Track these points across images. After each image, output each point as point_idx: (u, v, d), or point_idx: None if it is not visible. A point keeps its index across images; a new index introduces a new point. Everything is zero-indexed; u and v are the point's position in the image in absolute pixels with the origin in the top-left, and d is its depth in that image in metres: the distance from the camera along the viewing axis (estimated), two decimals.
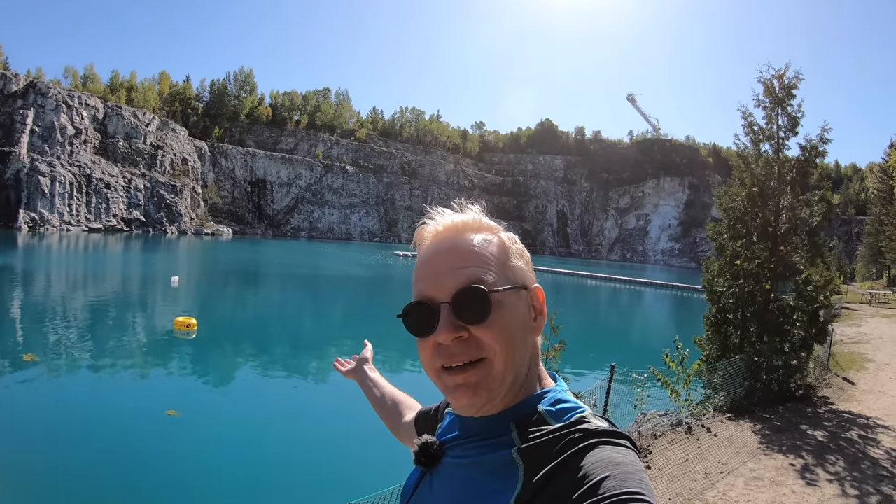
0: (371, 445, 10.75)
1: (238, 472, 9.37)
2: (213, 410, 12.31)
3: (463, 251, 1.02)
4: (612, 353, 19.34)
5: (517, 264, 1.06)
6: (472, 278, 0.97)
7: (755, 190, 11.31)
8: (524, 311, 1.03)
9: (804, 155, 11.14)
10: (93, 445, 9.84)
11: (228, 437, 10.73)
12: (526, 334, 1.02)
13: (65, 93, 74.99)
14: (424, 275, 1.03)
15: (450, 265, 1.00)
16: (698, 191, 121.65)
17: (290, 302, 31.63)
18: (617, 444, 0.87)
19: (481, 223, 1.09)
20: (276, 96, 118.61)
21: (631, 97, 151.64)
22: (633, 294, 51.70)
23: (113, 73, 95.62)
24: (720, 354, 11.65)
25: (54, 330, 18.26)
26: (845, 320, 23.09)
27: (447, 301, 0.97)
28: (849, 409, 10.51)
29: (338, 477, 9.52)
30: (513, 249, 1.08)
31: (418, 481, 1.11)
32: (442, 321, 0.96)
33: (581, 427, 0.91)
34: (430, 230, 1.10)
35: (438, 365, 0.98)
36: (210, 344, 18.41)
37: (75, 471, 8.88)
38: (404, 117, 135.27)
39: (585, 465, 0.83)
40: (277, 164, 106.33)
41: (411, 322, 1.01)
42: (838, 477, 7.10)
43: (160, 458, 9.56)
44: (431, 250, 1.05)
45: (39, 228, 63.87)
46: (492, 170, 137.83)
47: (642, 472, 0.82)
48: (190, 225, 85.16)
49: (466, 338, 0.96)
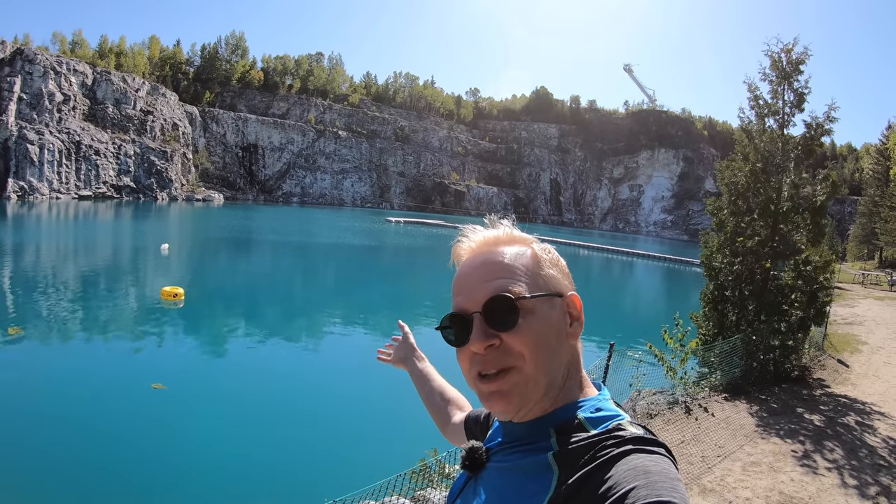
0: (363, 419, 10.68)
1: (225, 447, 9.27)
2: (199, 384, 12.17)
3: (493, 264, 1.07)
4: (606, 327, 19.21)
5: (549, 273, 1.09)
6: (499, 288, 1.02)
7: (758, 166, 11.07)
8: (558, 317, 1.06)
9: (809, 132, 10.88)
10: (77, 420, 9.70)
11: (216, 411, 10.61)
12: (561, 340, 1.06)
13: (53, 59, 73.06)
14: (460, 289, 1.09)
15: (481, 278, 1.06)
16: (692, 163, 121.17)
17: (281, 270, 31.38)
18: (651, 451, 0.88)
19: (513, 236, 1.15)
20: (268, 60, 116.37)
21: (628, 67, 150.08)
22: (625, 265, 51.75)
23: (102, 37, 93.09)
24: (717, 332, 11.54)
25: (41, 302, 17.94)
26: (838, 300, 23.14)
27: (479, 311, 1.02)
28: (844, 392, 10.45)
29: (327, 452, 9.44)
30: (545, 259, 1.11)
31: (464, 485, 1.17)
32: (475, 330, 1.02)
33: (615, 433, 0.93)
34: (465, 247, 1.15)
35: (475, 373, 1.04)
36: (197, 314, 18.19)
37: (58, 446, 8.72)
38: (398, 82, 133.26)
39: (616, 472, 0.84)
40: (269, 129, 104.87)
41: (449, 333, 1.08)
42: (837, 465, 7.02)
43: (147, 433, 9.42)
44: (466, 266, 1.11)
45: (28, 197, 62.85)
46: (486, 136, 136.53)
47: (676, 480, 0.83)
48: (181, 191, 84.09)
49: (499, 345, 1.01)
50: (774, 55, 10.72)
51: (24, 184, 63.62)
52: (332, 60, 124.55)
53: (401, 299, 25.39)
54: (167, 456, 8.80)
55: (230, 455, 9.02)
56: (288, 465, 8.89)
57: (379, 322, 19.05)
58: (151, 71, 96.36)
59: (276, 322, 18.73)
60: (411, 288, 29.55)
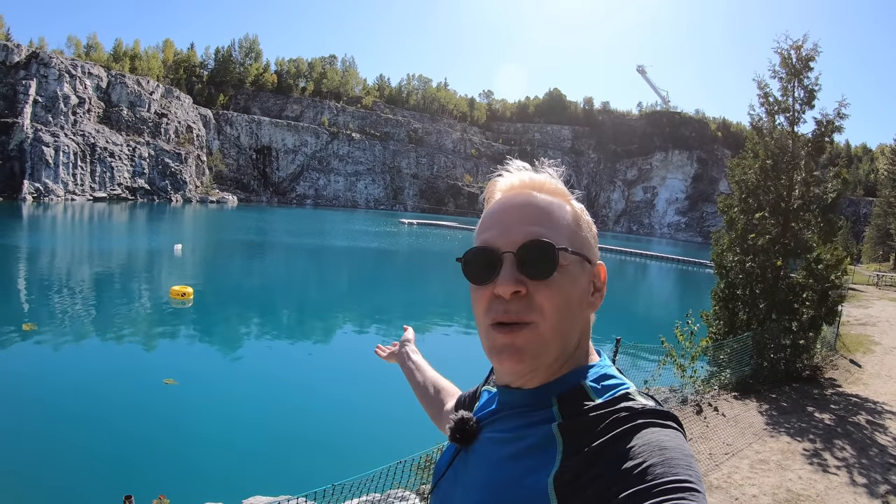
0: (370, 417, 10.70)
1: (235, 438, 9.45)
2: (209, 379, 12.37)
3: (537, 208, 0.98)
4: (618, 325, 19.12)
5: (585, 236, 1.02)
6: (540, 234, 0.94)
7: (769, 163, 10.98)
8: (585, 283, 0.99)
9: (820, 129, 10.78)
10: (90, 414, 9.85)
11: (226, 405, 10.83)
12: (582, 307, 0.99)
13: (67, 62, 73.92)
14: (492, 225, 0.99)
15: (521, 219, 0.97)
16: (707, 165, 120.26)
17: (292, 271, 31.55)
18: (665, 424, 0.84)
19: (556, 188, 1.05)
20: (281, 63, 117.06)
21: (641, 68, 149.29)
22: (638, 266, 51.48)
23: (116, 41, 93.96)
24: (727, 331, 11.46)
25: (55, 299, 18.21)
26: (852, 301, 22.91)
27: (512, 251, 0.93)
28: (856, 392, 10.34)
29: (334, 447, 9.50)
30: (583, 219, 1.05)
31: (452, 458, 1.08)
32: (504, 271, 0.93)
33: (626, 405, 0.87)
34: (504, 183, 1.06)
35: (490, 319, 0.94)
36: (205, 313, 18.40)
37: (73, 439, 8.88)
38: (411, 85, 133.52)
39: (632, 448, 0.79)
40: (283, 131, 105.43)
41: (471, 268, 0.97)
42: (846, 463, 6.94)
43: (161, 426, 9.60)
44: (503, 203, 1.01)
45: (44, 199, 63.64)
46: (499, 138, 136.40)
47: (691, 456, 0.79)
48: (195, 193, 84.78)
49: (524, 294, 0.92)
50: (784, 52, 10.64)
51: (40, 185, 64.43)
52: (345, 63, 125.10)
53: (412, 300, 25.41)
54: (180, 446, 9.01)
55: (239, 445, 9.20)
56: (294, 456, 9.01)
57: (390, 322, 19.08)
58: (165, 74, 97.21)
59: (284, 321, 18.87)
60: (423, 290, 29.58)
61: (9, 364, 12.15)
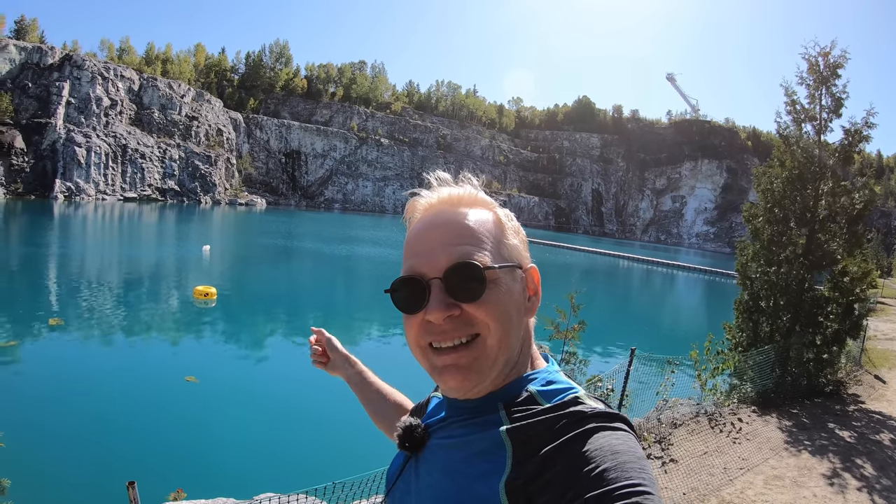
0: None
1: (254, 435, 9.64)
2: (229, 378, 12.55)
3: (457, 226, 0.96)
4: (638, 336, 18.95)
5: (513, 242, 1.00)
6: (466, 255, 0.92)
7: (795, 172, 10.75)
8: (519, 290, 0.97)
9: (847, 139, 10.52)
10: (112, 408, 10.07)
11: (244, 405, 10.97)
12: (520, 315, 0.98)
13: (100, 65, 75.79)
14: (416, 250, 0.97)
15: (443, 241, 0.94)
16: (736, 175, 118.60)
17: (316, 276, 31.72)
18: (615, 427, 0.83)
19: (476, 198, 1.03)
20: (311, 68, 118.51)
21: (670, 76, 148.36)
22: (665, 277, 50.83)
23: (148, 45, 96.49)
24: (750, 343, 11.22)
25: (82, 296, 18.57)
26: (880, 315, 22.28)
27: (438, 277, 0.92)
28: (879, 409, 10.04)
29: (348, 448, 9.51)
30: (509, 227, 1.02)
31: (402, 466, 1.06)
32: (433, 298, 0.91)
33: (575, 409, 0.86)
34: (423, 203, 1.03)
35: (426, 343, 0.94)
36: (228, 313, 18.62)
37: (95, 432, 9.08)
38: (440, 91, 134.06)
39: (585, 452, 0.79)
40: (312, 135, 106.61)
41: (400, 298, 0.96)
42: (866, 483, 6.72)
43: (181, 422, 9.82)
44: (424, 224, 0.99)
45: (75, 198, 65.17)
46: (527, 146, 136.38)
47: (643, 459, 0.79)
48: (224, 195, 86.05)
49: (458, 315, 0.91)
50: (812, 58, 10.40)
51: (72, 185, 65.99)
52: (374, 69, 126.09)
53: None
54: (198, 442, 9.21)
55: (254, 443, 9.35)
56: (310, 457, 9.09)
57: None
58: (197, 78, 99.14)
59: (304, 324, 18.90)
60: None
61: (36, 358, 12.48)
